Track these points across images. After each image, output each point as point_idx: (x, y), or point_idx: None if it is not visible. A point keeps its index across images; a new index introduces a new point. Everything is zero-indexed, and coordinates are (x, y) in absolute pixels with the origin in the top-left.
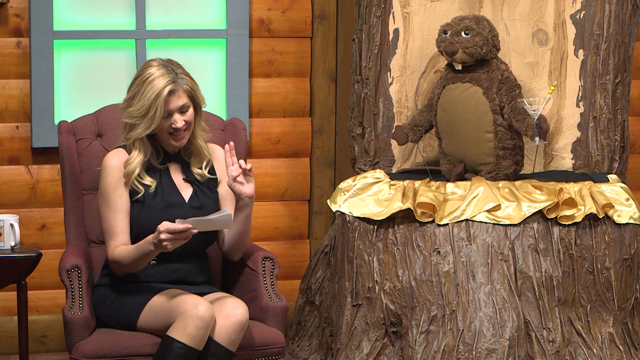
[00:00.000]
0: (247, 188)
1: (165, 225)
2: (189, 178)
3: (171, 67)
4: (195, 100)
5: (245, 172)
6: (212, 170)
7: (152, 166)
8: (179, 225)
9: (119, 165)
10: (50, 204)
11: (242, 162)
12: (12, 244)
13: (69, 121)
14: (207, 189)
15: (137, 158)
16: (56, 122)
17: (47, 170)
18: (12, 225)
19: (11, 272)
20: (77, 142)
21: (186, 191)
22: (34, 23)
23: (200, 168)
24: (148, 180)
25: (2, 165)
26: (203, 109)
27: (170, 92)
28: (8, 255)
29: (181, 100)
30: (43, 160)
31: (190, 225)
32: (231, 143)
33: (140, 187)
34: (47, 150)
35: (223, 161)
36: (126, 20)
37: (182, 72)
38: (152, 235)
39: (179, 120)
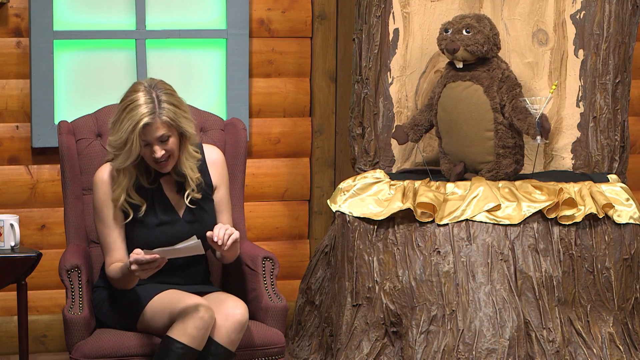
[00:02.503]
0: (227, 250)
1: (133, 256)
2: (183, 192)
3: (156, 94)
4: (179, 129)
5: (228, 240)
6: (206, 173)
7: (142, 187)
8: (146, 256)
9: (110, 181)
10: (50, 204)
11: (227, 237)
12: (12, 244)
13: (69, 121)
14: (202, 201)
15: (122, 183)
16: (56, 122)
17: (47, 170)
18: (12, 225)
19: (11, 272)
20: (77, 142)
21: (180, 205)
22: (34, 23)
23: (193, 190)
24: (138, 200)
25: (2, 165)
26: (204, 109)
27: (146, 125)
28: (8, 255)
29: (159, 131)
30: (43, 160)
31: (157, 256)
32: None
33: (130, 209)
34: (47, 150)
35: (220, 166)
36: (126, 20)
37: (166, 100)
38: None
39: (157, 151)
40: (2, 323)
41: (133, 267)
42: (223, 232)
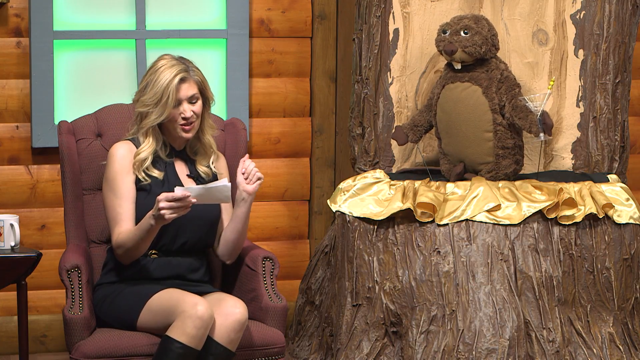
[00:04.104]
0: (249, 186)
1: (164, 194)
2: (193, 174)
3: (183, 60)
4: (204, 94)
5: (252, 176)
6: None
7: (158, 159)
8: (177, 193)
9: (127, 154)
10: (50, 204)
11: (256, 171)
12: (12, 244)
13: (69, 121)
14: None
15: (149, 147)
16: (56, 122)
17: (47, 170)
18: (12, 225)
19: (11, 272)
20: (77, 142)
21: (190, 186)
22: (34, 23)
23: (208, 166)
24: (155, 172)
25: (2, 165)
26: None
27: (182, 80)
28: (8, 255)
29: (192, 89)
30: (43, 160)
31: (189, 193)
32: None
33: (146, 178)
34: (47, 150)
35: (224, 167)
36: (126, 20)
37: (193, 66)
38: (151, 210)
39: (187, 110)
40: (2, 323)
41: (162, 204)
42: (252, 166)
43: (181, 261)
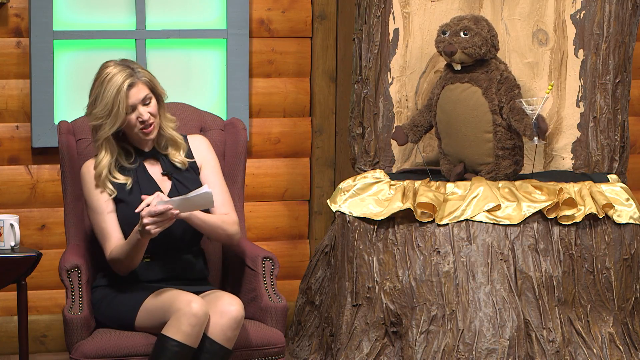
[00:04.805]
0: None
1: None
2: (167, 172)
3: (127, 64)
4: (156, 92)
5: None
6: (190, 157)
7: (124, 167)
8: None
9: (94, 170)
10: (50, 204)
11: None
12: (12, 244)
13: (69, 121)
14: (187, 181)
15: (104, 159)
16: (56, 122)
17: (47, 170)
18: (12, 225)
19: (11, 272)
20: (77, 142)
21: (165, 185)
22: (34, 23)
23: (180, 156)
24: (122, 179)
25: (2, 165)
26: (204, 109)
27: (130, 86)
28: (8, 255)
29: (142, 92)
30: (43, 160)
31: (170, 206)
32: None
33: (113, 188)
34: (47, 150)
35: (202, 146)
36: (126, 20)
37: (138, 67)
38: (137, 225)
39: (144, 113)
40: (2, 323)
41: (145, 220)
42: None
43: (176, 260)
